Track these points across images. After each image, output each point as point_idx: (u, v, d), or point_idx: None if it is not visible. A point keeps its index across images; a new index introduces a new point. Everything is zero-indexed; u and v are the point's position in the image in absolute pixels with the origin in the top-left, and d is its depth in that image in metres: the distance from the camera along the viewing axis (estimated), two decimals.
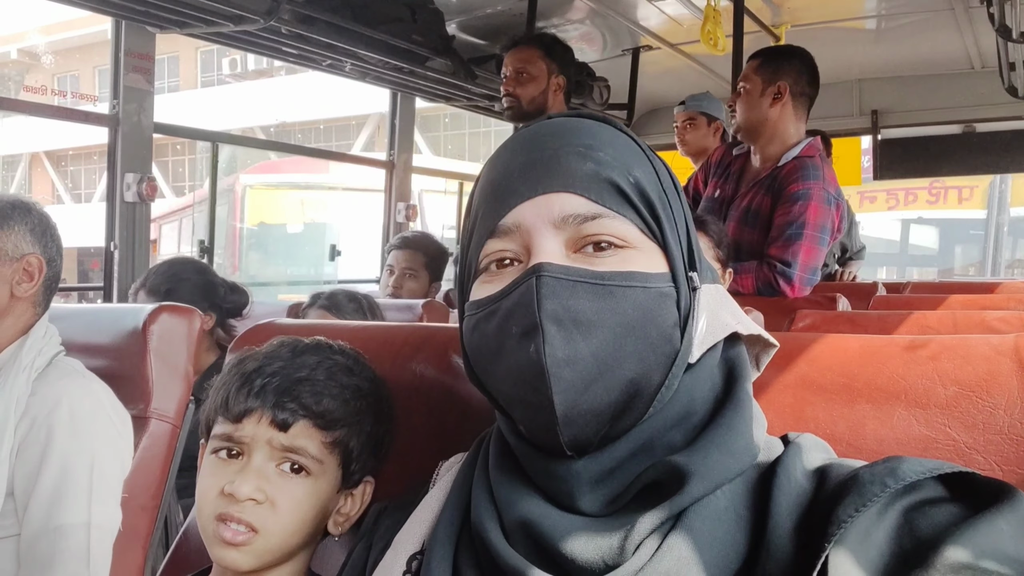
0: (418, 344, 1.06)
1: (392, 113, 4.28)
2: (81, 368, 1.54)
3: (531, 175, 0.68)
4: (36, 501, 1.38)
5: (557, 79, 2.70)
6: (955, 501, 0.56)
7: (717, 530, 0.59)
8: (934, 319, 1.70)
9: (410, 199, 4.38)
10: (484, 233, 0.69)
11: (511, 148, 0.72)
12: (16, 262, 1.51)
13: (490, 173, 0.72)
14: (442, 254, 3.35)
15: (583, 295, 0.63)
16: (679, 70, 4.51)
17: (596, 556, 0.59)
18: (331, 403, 0.92)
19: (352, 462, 0.94)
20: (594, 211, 0.65)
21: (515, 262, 0.68)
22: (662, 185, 0.70)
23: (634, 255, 0.66)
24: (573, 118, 0.73)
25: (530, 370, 0.63)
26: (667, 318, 0.65)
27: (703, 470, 0.60)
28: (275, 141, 18.43)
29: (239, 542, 0.88)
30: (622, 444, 0.64)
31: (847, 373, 0.81)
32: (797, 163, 2.50)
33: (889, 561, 0.54)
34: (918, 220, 14.63)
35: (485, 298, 0.68)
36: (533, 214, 0.66)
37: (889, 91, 4.64)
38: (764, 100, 2.58)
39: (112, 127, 2.89)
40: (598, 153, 0.68)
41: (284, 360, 0.93)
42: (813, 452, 0.66)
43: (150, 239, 3.05)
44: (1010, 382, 0.74)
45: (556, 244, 0.66)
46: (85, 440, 1.43)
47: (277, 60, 3.55)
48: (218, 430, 0.92)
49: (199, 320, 1.77)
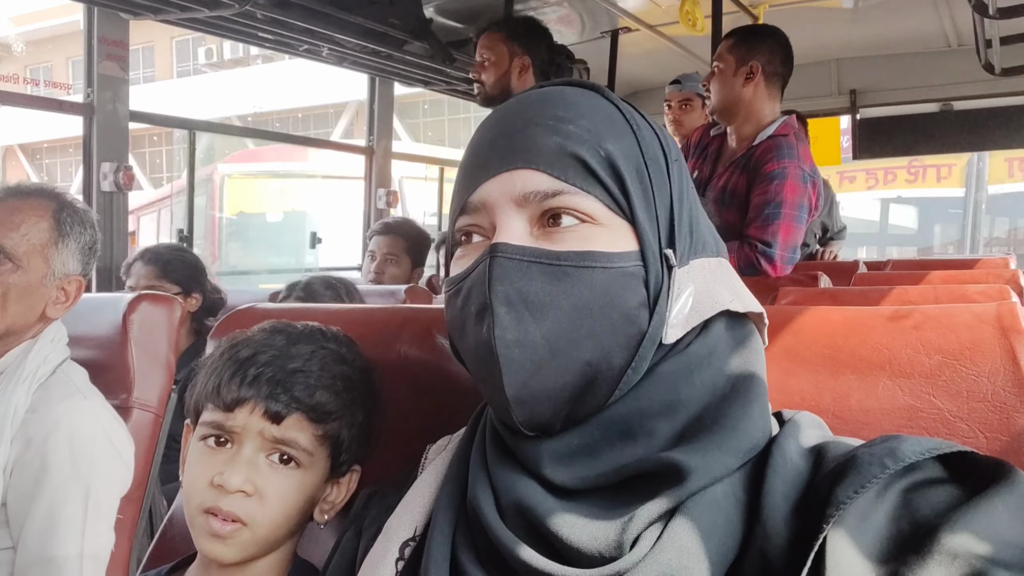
0: (401, 325, 1.05)
1: (370, 99, 4.26)
2: (84, 384, 1.50)
3: (498, 150, 0.67)
4: (29, 530, 1.35)
5: (521, 60, 2.66)
6: (954, 482, 0.56)
7: (718, 517, 0.58)
8: (915, 293, 1.71)
9: (390, 185, 4.36)
10: (456, 209, 0.69)
11: (488, 122, 0.71)
12: (59, 281, 1.46)
13: (468, 147, 0.71)
14: (424, 239, 3.34)
15: (536, 276, 0.62)
16: (658, 52, 4.49)
17: (593, 544, 0.58)
18: (324, 395, 0.90)
19: (342, 453, 0.94)
20: (555, 187, 0.64)
21: (484, 237, 0.67)
22: (644, 157, 0.67)
23: (597, 232, 0.64)
24: (556, 87, 0.71)
25: (484, 350, 0.62)
26: (631, 299, 0.63)
27: (703, 468, 0.59)
28: (252, 128, 18.27)
29: (226, 534, 0.87)
30: (590, 427, 0.63)
31: (832, 345, 0.81)
32: (772, 142, 2.50)
33: (887, 544, 0.53)
34: (897, 199, 14.71)
35: (454, 276, 0.68)
36: (497, 191, 0.65)
37: (867, 70, 4.65)
38: (737, 80, 2.57)
39: (87, 116, 2.85)
40: (568, 126, 0.66)
41: (278, 349, 0.92)
42: (809, 430, 0.65)
43: (128, 229, 3.03)
44: (993, 350, 0.75)
45: (519, 222, 0.65)
46: (83, 468, 1.38)
47: (253, 46, 3.52)
48: (208, 417, 0.91)
49: (180, 308, 1.76)
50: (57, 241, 1.45)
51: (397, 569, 0.70)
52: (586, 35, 4.30)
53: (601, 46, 4.33)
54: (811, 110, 4.54)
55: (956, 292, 1.69)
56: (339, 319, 1.08)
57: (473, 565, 0.64)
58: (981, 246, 12.76)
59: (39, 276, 1.43)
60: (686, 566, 0.55)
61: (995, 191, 13.46)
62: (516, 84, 2.69)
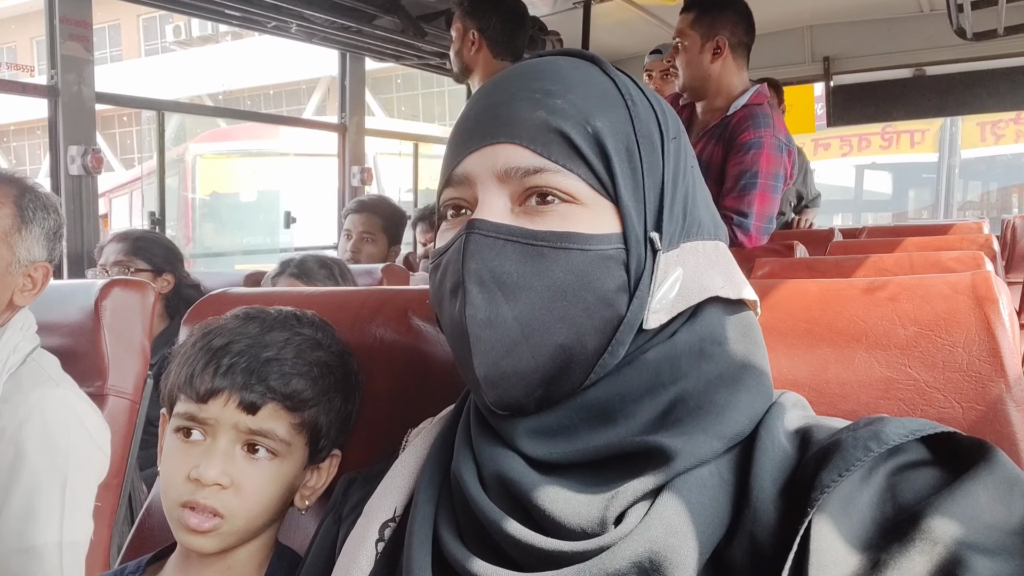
0: (376, 308, 1.04)
1: (342, 75, 4.21)
2: (56, 371, 1.47)
3: (483, 122, 0.65)
4: (6, 520, 1.33)
5: (471, 35, 2.63)
6: (937, 464, 0.56)
7: (704, 497, 0.57)
8: (891, 262, 1.72)
9: (364, 162, 4.32)
10: (443, 181, 0.68)
11: (480, 91, 0.70)
12: (24, 268, 1.43)
13: (460, 117, 0.70)
14: (400, 217, 3.31)
15: (511, 256, 0.61)
16: (631, 21, 4.47)
17: (576, 519, 0.58)
18: (300, 383, 0.89)
19: (320, 439, 0.93)
20: (537, 164, 0.62)
21: (466, 210, 0.66)
22: (636, 133, 0.65)
23: (579, 212, 0.62)
24: (550, 59, 0.69)
25: (456, 328, 0.62)
26: (608, 282, 0.61)
27: (688, 450, 0.58)
28: (222, 107, 18.01)
29: (205, 529, 0.87)
30: (567, 409, 0.63)
31: (807, 318, 0.81)
32: (746, 111, 2.49)
33: (871, 528, 0.53)
34: (872, 165, 14.80)
35: (437, 249, 0.67)
36: (480, 165, 0.64)
37: (840, 37, 4.65)
38: (704, 57, 2.54)
39: (52, 98, 2.80)
40: (554, 100, 0.63)
41: (252, 337, 0.90)
42: (794, 411, 0.65)
43: (99, 213, 2.99)
44: (968, 320, 0.75)
45: (500, 198, 0.63)
46: (58, 457, 1.37)
47: (221, 24, 3.46)
48: (181, 408, 0.90)
49: (153, 294, 1.74)
50: (20, 228, 1.41)
51: (377, 551, 0.70)
52: (559, 6, 4.27)
53: (574, 17, 4.29)
54: (785, 78, 4.54)
55: (931, 260, 1.70)
56: (314, 302, 1.06)
57: (455, 541, 0.64)
58: (955, 210, 12.89)
59: (4, 264, 1.40)
60: (672, 544, 0.55)
61: (968, 155, 13.59)
62: (470, 59, 2.64)
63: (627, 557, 0.54)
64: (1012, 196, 14.73)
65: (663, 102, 0.70)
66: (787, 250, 2.21)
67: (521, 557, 0.59)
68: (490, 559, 0.60)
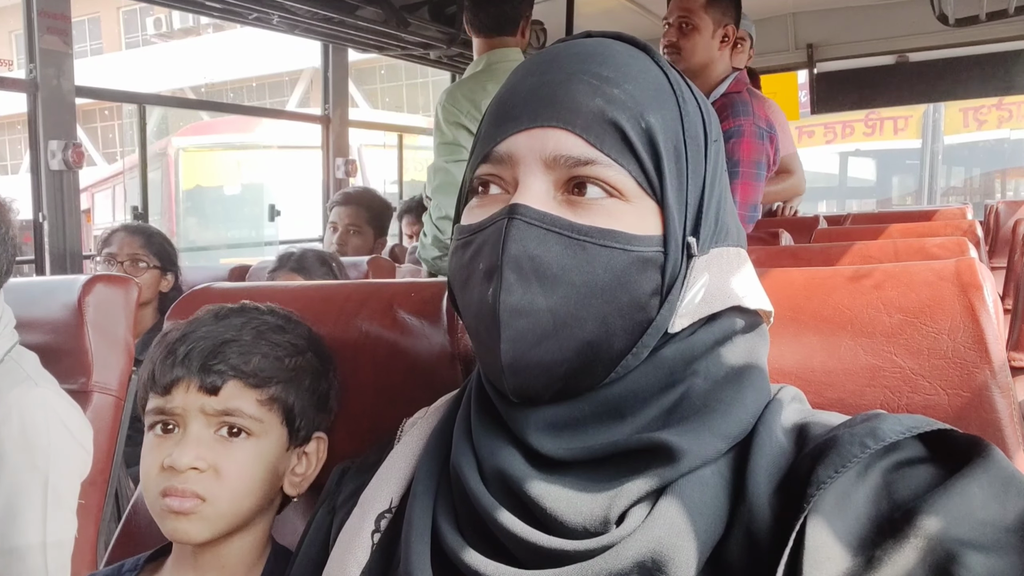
0: (361, 301, 1.04)
1: (325, 66, 4.18)
2: (35, 369, 1.46)
3: (534, 101, 0.62)
4: None
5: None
6: (933, 461, 0.56)
7: (706, 495, 0.57)
8: (876, 249, 1.72)
9: (349, 154, 4.30)
10: (480, 155, 0.65)
11: (529, 65, 0.67)
12: None
13: (503, 89, 0.67)
14: (386, 209, 3.30)
15: (553, 247, 0.59)
16: (614, 10, 4.46)
17: (577, 518, 0.57)
18: (261, 361, 0.89)
19: (295, 419, 0.93)
20: (589, 155, 0.60)
21: (504, 190, 0.64)
22: (684, 133, 0.64)
23: (624, 210, 0.61)
24: (604, 40, 0.67)
25: (486, 311, 0.60)
26: (645, 285, 0.60)
27: (694, 450, 0.58)
28: (204, 100, 17.89)
29: (186, 510, 0.86)
30: (581, 402, 0.62)
31: (793, 307, 0.81)
32: (726, 100, 2.46)
33: (866, 525, 0.53)
34: (855, 152, 14.86)
35: (467, 226, 0.65)
36: (527, 146, 0.62)
37: (824, 24, 4.66)
38: (715, 42, 2.49)
39: (31, 92, 2.76)
40: (612, 89, 0.61)
41: (208, 325, 0.91)
42: (792, 405, 0.65)
43: (81, 208, 2.96)
44: (953, 307, 0.75)
45: (543, 183, 0.61)
46: (38, 456, 1.36)
47: (202, 16, 3.43)
48: (150, 405, 0.91)
49: (137, 289, 1.72)
50: None
51: (373, 541, 0.69)
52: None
53: (558, 6, 4.28)
54: (768, 65, 4.55)
55: (916, 246, 1.71)
56: (299, 296, 1.06)
57: (454, 534, 0.63)
58: (938, 196, 12.96)
59: None
60: (676, 544, 0.54)
61: (951, 141, 13.66)
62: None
63: (630, 557, 0.54)
64: (995, 181, 14.83)
65: (708, 102, 0.69)
66: (772, 238, 2.22)
67: (522, 554, 0.59)
68: (489, 554, 0.60)
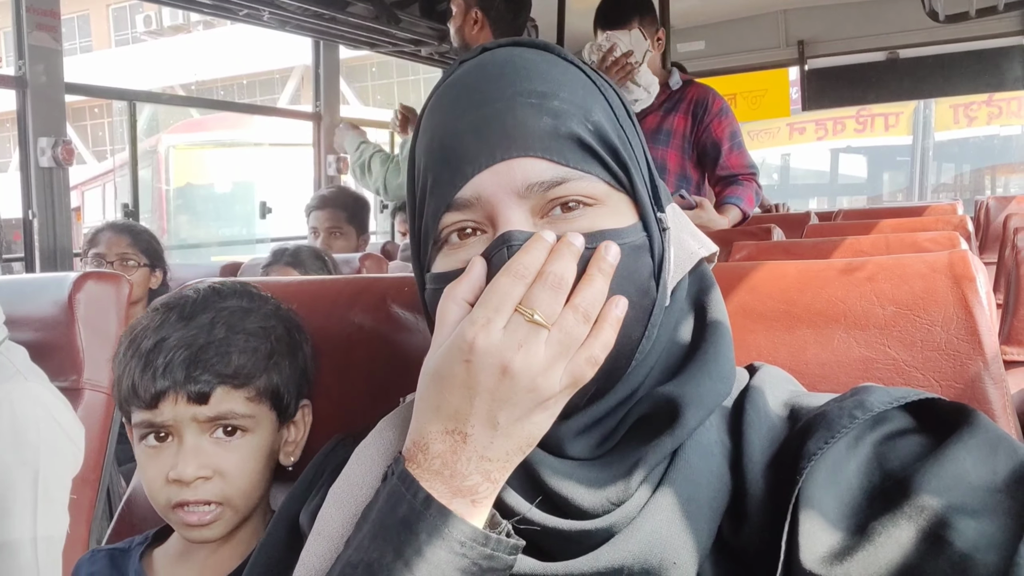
0: (354, 295, 1.03)
1: (315, 63, 4.17)
2: (25, 364, 1.45)
3: (485, 137, 0.61)
4: None
5: (474, 13, 2.61)
6: (921, 430, 0.57)
7: (711, 464, 0.58)
8: (867, 243, 1.73)
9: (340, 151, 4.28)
10: (440, 205, 0.62)
11: (454, 96, 0.64)
12: None
13: (437, 127, 0.64)
14: (363, 205, 3.30)
15: None
16: None
17: (595, 500, 0.57)
18: (241, 358, 0.89)
19: (283, 399, 0.93)
20: (559, 175, 0.60)
21: (477, 231, 0.62)
22: (618, 119, 0.64)
23: (602, 212, 0.61)
24: (516, 50, 0.66)
25: None
26: (643, 271, 0.61)
27: (697, 398, 0.59)
28: (195, 97, 17.80)
29: (207, 521, 0.88)
30: (608, 399, 0.62)
31: (786, 299, 0.81)
32: (697, 84, 2.77)
33: (858, 495, 0.54)
34: (847, 149, 14.87)
35: (452, 271, 0.62)
36: (493, 183, 0.60)
37: (814, 20, 4.67)
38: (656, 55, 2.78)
39: (20, 89, 2.75)
40: (552, 102, 0.61)
41: (178, 328, 0.89)
42: (781, 385, 0.66)
43: (71, 206, 2.94)
44: (946, 299, 0.76)
45: (521, 213, 0.60)
46: (28, 451, 1.35)
47: (192, 12, 3.42)
48: (137, 418, 0.89)
49: (128, 286, 1.72)
50: None
51: None
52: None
53: (549, 1, 4.28)
54: (760, 62, 4.55)
55: (907, 241, 1.71)
56: (292, 291, 1.06)
57: None
58: (929, 192, 13.00)
59: None
60: (689, 511, 0.56)
61: (941, 138, 13.69)
62: (472, 37, 2.65)
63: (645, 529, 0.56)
64: (985, 177, 14.86)
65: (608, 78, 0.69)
66: (764, 233, 2.22)
67: (541, 538, 0.59)
68: None
